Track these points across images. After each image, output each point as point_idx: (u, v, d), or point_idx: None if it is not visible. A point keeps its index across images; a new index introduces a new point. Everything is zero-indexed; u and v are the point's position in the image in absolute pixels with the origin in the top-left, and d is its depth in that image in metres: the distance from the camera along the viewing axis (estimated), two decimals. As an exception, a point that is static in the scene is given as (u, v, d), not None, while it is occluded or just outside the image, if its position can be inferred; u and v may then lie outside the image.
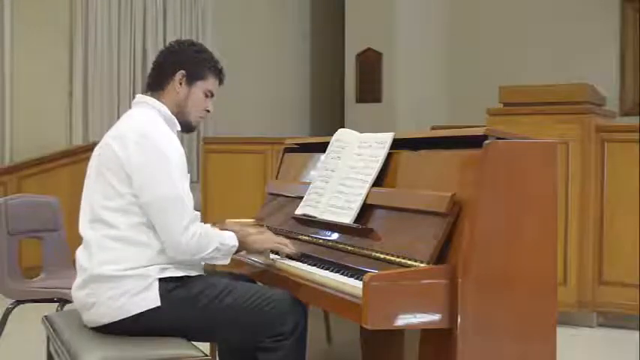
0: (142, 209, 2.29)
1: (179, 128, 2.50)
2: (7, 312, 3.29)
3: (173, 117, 2.47)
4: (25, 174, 5.90)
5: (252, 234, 2.53)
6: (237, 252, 2.46)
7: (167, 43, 2.68)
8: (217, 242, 2.35)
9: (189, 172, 2.41)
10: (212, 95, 2.56)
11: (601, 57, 6.94)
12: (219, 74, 2.56)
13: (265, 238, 2.53)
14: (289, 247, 2.51)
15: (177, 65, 2.48)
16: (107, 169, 2.33)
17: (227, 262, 2.42)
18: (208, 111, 2.56)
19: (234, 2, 7.80)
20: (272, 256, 2.56)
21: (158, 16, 7.05)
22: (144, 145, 2.30)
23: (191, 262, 2.37)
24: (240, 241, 2.43)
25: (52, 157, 6.05)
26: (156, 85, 2.51)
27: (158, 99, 2.48)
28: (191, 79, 2.49)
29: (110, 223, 2.31)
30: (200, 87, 2.51)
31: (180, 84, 2.48)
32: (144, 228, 2.30)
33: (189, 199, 2.33)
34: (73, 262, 2.44)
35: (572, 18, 7.04)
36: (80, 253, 2.38)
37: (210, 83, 2.53)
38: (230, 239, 2.41)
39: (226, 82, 2.62)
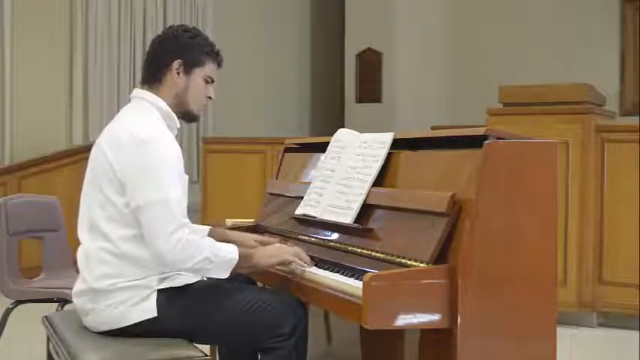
0: (135, 217, 2.22)
1: (178, 126, 2.42)
2: (7, 312, 3.29)
3: (172, 113, 2.38)
4: (25, 174, 5.88)
5: (260, 248, 2.45)
6: (241, 266, 2.31)
7: (159, 31, 2.52)
8: (209, 252, 2.22)
9: (188, 172, 2.34)
10: (212, 81, 2.45)
11: (601, 57, 6.94)
12: (216, 58, 2.45)
13: (273, 253, 2.39)
14: (303, 259, 2.38)
15: (173, 54, 2.38)
16: (102, 177, 2.26)
17: (225, 275, 2.28)
18: (210, 97, 2.46)
19: (234, 2, 7.80)
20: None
21: (158, 16, 7.05)
22: (138, 152, 2.21)
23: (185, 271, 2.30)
24: (244, 255, 2.31)
25: (52, 157, 6.04)
26: (152, 78, 2.40)
27: (156, 94, 2.38)
28: (189, 67, 2.39)
29: (106, 235, 2.25)
30: (199, 74, 2.40)
31: (178, 74, 2.38)
32: (139, 241, 2.23)
33: (179, 204, 2.22)
34: (74, 262, 2.42)
35: (572, 18, 7.05)
36: (81, 257, 2.34)
37: (209, 69, 2.43)
38: (227, 252, 2.27)
39: (226, 82, 2.55)
